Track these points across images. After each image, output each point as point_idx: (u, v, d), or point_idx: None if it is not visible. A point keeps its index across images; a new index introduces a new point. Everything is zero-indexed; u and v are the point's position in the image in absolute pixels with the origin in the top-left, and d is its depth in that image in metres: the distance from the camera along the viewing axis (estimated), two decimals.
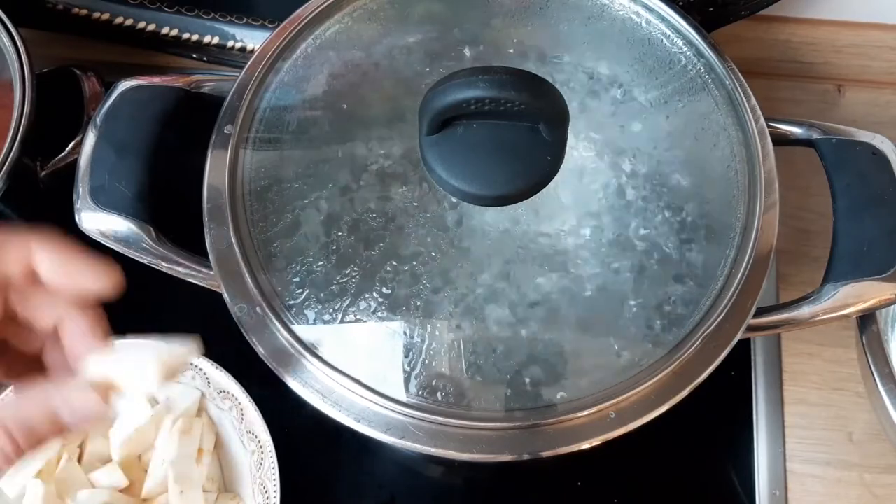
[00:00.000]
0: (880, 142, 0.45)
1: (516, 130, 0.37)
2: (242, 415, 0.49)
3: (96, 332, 0.32)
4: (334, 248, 0.41)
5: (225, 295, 0.41)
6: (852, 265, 0.42)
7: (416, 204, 0.41)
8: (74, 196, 0.43)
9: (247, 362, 0.41)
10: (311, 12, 0.46)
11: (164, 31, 0.61)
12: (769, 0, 0.56)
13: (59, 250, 0.31)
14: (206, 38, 0.61)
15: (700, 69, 0.45)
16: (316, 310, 0.40)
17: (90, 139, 0.44)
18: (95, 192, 0.43)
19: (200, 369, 0.50)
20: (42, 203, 0.54)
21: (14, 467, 0.31)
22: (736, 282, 0.40)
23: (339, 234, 0.41)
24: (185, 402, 0.50)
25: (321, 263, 0.41)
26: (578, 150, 0.42)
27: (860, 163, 0.44)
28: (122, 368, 0.31)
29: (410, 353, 0.39)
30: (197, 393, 0.50)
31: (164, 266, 0.43)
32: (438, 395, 0.38)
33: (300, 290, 0.40)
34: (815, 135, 0.46)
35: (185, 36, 0.61)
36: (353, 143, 0.43)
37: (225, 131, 0.44)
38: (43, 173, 0.51)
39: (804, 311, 0.42)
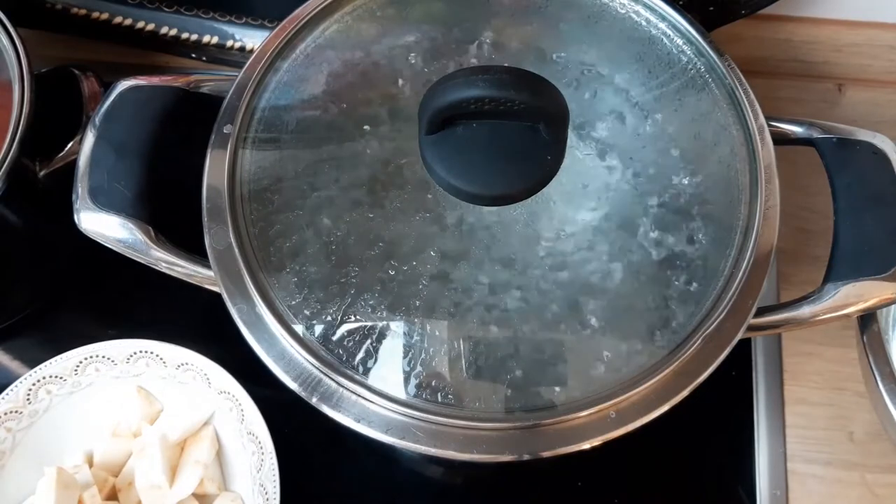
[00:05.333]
0: (881, 141, 0.45)
1: (516, 130, 0.37)
2: (243, 415, 0.49)
3: None
4: (334, 247, 0.41)
5: (224, 295, 0.41)
6: (853, 265, 0.42)
7: (415, 204, 0.41)
8: (73, 196, 0.43)
9: (247, 362, 0.40)
10: (311, 12, 0.46)
11: (163, 30, 0.61)
12: None
13: None
14: (205, 38, 0.61)
15: (700, 68, 0.45)
16: (315, 310, 0.40)
17: (89, 139, 0.44)
18: (94, 193, 0.43)
19: (201, 370, 0.50)
20: (41, 203, 0.54)
21: None
22: (736, 281, 0.40)
23: (339, 233, 0.41)
24: (196, 417, 0.51)
25: (321, 263, 0.40)
26: (578, 149, 0.42)
27: (861, 162, 0.44)
28: None
29: (410, 353, 0.39)
30: (210, 411, 0.51)
31: (163, 266, 0.43)
32: (438, 395, 0.38)
33: (300, 290, 0.40)
34: (816, 134, 0.46)
35: (184, 36, 0.61)
36: (352, 142, 0.43)
37: (224, 131, 0.44)
38: (42, 173, 0.51)
39: (805, 310, 0.42)
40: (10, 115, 0.48)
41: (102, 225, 0.43)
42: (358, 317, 0.39)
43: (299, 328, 0.39)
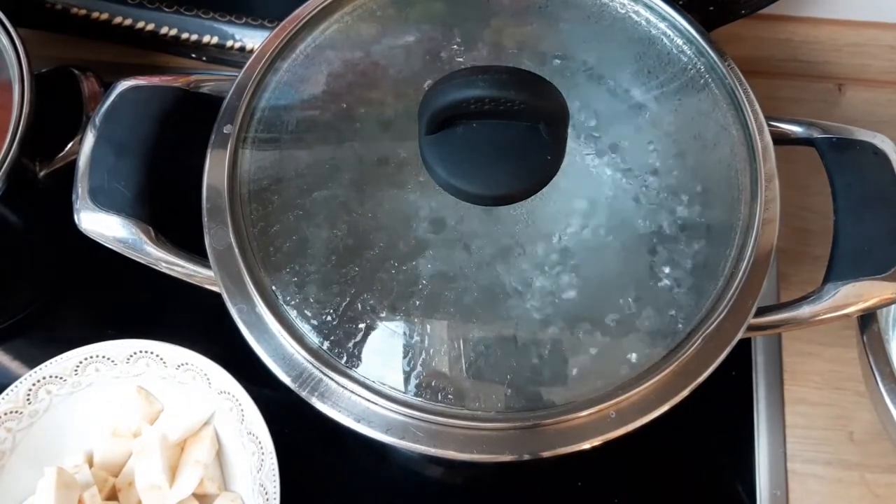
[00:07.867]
0: (881, 141, 0.45)
1: (516, 130, 0.37)
2: (243, 415, 0.49)
3: None
4: (333, 247, 0.41)
5: (224, 295, 0.41)
6: (853, 264, 0.42)
7: (415, 204, 0.41)
8: (73, 196, 0.43)
9: (247, 362, 0.40)
10: (311, 12, 0.46)
11: (163, 30, 0.61)
12: None
13: None
14: (205, 38, 0.61)
15: (700, 68, 0.45)
16: (315, 309, 0.40)
17: (89, 139, 0.44)
18: (94, 193, 0.43)
19: (201, 370, 0.50)
20: (41, 203, 0.54)
21: None
22: (736, 281, 0.40)
23: (339, 233, 0.41)
24: (196, 417, 0.51)
25: (320, 263, 0.40)
26: (578, 149, 0.42)
27: (861, 162, 0.44)
28: None
29: (410, 353, 0.39)
30: (210, 411, 0.51)
31: (163, 266, 0.43)
32: (438, 395, 0.38)
33: (300, 290, 0.40)
34: (816, 134, 0.46)
35: (184, 36, 0.61)
36: (352, 142, 0.43)
37: (224, 131, 0.44)
38: (42, 173, 0.51)
39: (805, 310, 0.42)
40: (10, 115, 0.48)
41: (102, 225, 0.43)
42: (358, 316, 0.39)
43: (299, 328, 0.39)
